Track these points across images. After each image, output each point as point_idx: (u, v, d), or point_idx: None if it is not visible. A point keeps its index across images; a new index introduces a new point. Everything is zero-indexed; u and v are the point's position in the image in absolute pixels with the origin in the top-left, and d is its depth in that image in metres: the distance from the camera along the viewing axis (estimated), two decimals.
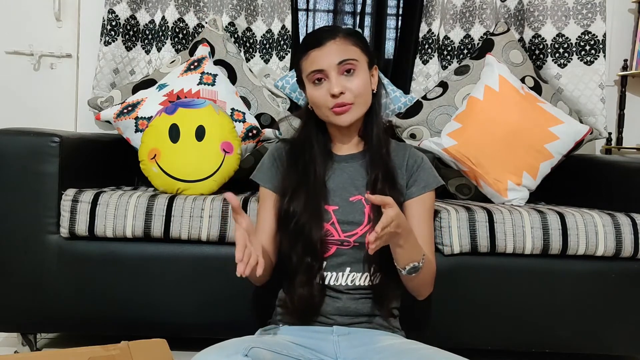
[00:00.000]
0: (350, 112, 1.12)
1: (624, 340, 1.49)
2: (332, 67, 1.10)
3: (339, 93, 1.10)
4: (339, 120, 1.12)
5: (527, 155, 1.73)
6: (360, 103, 1.13)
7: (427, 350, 1.02)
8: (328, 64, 1.10)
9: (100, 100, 1.99)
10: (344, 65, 1.10)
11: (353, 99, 1.11)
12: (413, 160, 1.20)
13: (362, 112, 1.15)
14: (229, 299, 1.44)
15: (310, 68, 1.12)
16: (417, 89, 2.15)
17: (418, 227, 1.14)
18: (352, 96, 1.11)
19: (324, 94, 1.11)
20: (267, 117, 1.96)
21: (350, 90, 1.11)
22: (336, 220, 1.13)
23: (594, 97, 2.05)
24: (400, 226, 0.98)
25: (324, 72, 1.11)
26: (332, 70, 1.10)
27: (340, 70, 1.11)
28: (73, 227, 1.42)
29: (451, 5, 2.18)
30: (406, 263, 1.05)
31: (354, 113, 1.13)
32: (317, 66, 1.11)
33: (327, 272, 1.13)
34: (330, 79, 1.10)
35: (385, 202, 0.95)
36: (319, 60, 1.11)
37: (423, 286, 1.16)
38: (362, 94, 1.12)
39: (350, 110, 1.12)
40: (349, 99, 1.11)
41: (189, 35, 2.13)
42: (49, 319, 1.47)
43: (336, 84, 1.10)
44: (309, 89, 1.15)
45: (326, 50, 1.11)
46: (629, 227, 1.43)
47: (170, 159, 1.55)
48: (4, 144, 1.42)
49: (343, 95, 1.10)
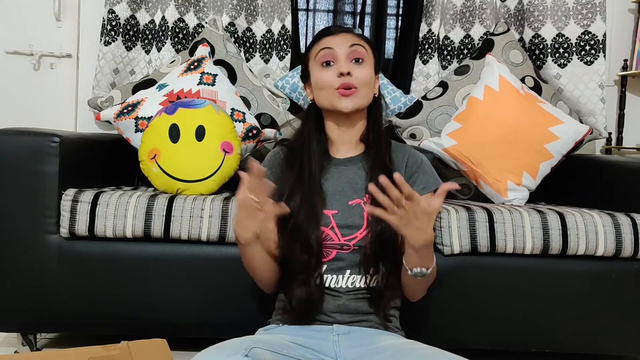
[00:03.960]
0: (353, 98, 1.14)
1: (624, 340, 1.49)
2: (343, 50, 1.15)
3: (347, 72, 1.13)
4: (342, 103, 1.14)
5: (527, 155, 1.73)
6: (363, 94, 1.16)
7: (427, 350, 1.01)
8: (340, 44, 1.16)
9: (100, 100, 1.99)
10: (354, 50, 1.15)
11: (358, 85, 1.14)
12: (413, 162, 1.20)
13: (363, 104, 1.17)
14: (229, 299, 1.45)
15: (320, 47, 1.17)
16: (417, 89, 2.15)
17: None
18: (358, 82, 1.14)
19: (331, 75, 1.15)
20: (267, 117, 1.96)
21: (357, 76, 1.14)
22: (335, 224, 1.13)
23: (594, 97, 2.05)
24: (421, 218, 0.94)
25: (333, 52, 1.15)
26: (342, 53, 1.15)
27: (350, 55, 1.15)
28: (73, 227, 1.42)
29: (451, 5, 2.18)
30: (415, 265, 1.05)
31: (356, 100, 1.15)
32: (329, 44, 1.16)
33: (327, 275, 1.13)
34: (339, 61, 1.15)
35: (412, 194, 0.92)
36: (331, 43, 1.17)
37: (420, 290, 1.17)
38: (367, 84, 1.16)
39: (353, 96, 1.14)
40: (355, 83, 1.14)
41: (189, 35, 2.13)
42: (49, 319, 1.47)
43: (345, 64, 1.14)
44: (316, 71, 1.18)
45: (339, 37, 1.17)
46: (629, 227, 1.43)
47: (170, 159, 1.55)
48: (4, 144, 1.42)
49: (350, 77, 1.13)
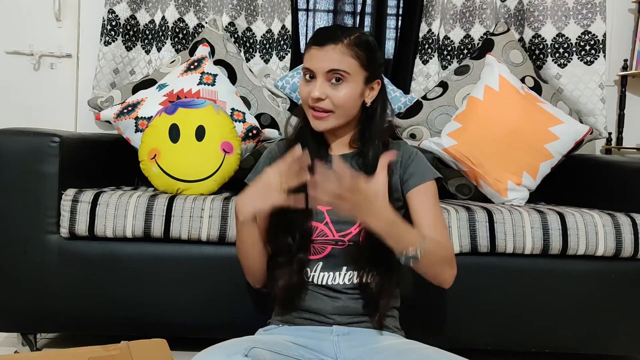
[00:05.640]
0: (325, 120, 1.12)
1: (624, 340, 1.49)
2: (321, 72, 1.10)
3: (317, 98, 1.10)
4: (313, 124, 1.13)
5: (527, 155, 1.73)
6: (340, 114, 1.12)
7: (427, 350, 1.01)
8: (319, 67, 1.10)
9: (100, 100, 1.99)
10: (333, 73, 1.10)
11: (333, 108, 1.11)
12: (407, 155, 1.20)
13: (340, 123, 1.14)
14: (229, 299, 1.44)
15: (304, 63, 1.14)
16: (417, 89, 2.15)
17: (422, 216, 1.12)
18: (332, 105, 1.10)
19: (307, 92, 1.12)
20: (267, 117, 1.96)
21: (332, 99, 1.10)
22: (330, 220, 1.13)
23: (594, 97, 2.05)
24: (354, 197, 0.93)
25: (313, 73, 1.11)
26: (320, 75, 1.10)
27: (327, 77, 1.10)
28: (73, 227, 1.42)
29: (451, 5, 2.18)
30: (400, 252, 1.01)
31: (329, 122, 1.12)
32: (309, 65, 1.12)
33: (324, 272, 1.13)
34: (316, 82, 1.11)
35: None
36: (313, 60, 1.11)
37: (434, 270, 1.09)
38: (343, 106, 1.11)
39: (325, 119, 1.11)
40: (328, 107, 1.10)
41: (189, 35, 2.12)
42: (49, 319, 1.47)
43: (319, 88, 1.10)
44: (301, 80, 1.16)
45: (323, 52, 1.10)
46: (629, 227, 1.43)
47: (170, 159, 1.55)
48: (4, 144, 1.42)
49: (322, 101, 1.10)
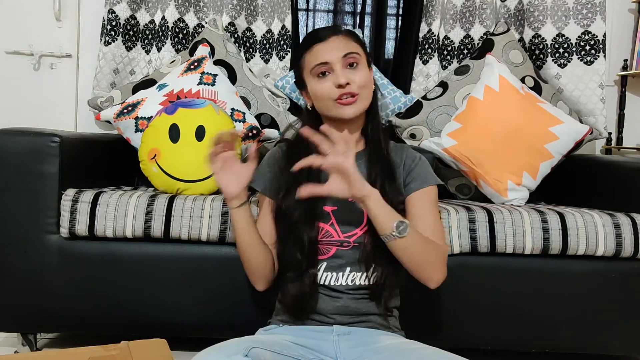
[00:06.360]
0: (355, 104, 1.14)
1: (624, 340, 1.49)
2: (337, 60, 1.13)
3: (345, 83, 1.12)
4: (344, 112, 1.14)
5: (527, 155, 1.73)
6: (364, 96, 1.15)
7: (427, 350, 1.01)
8: (333, 56, 1.14)
9: (100, 100, 1.99)
10: (348, 58, 1.14)
11: (358, 90, 1.14)
12: (411, 159, 1.21)
13: (365, 106, 1.17)
14: (229, 299, 1.44)
15: (314, 61, 1.15)
16: (417, 89, 2.15)
17: (421, 220, 1.13)
18: (357, 87, 1.14)
19: (329, 87, 1.14)
20: (267, 117, 1.96)
21: (355, 82, 1.13)
22: (335, 221, 1.13)
23: (594, 97, 2.05)
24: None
25: (328, 65, 1.14)
26: (337, 63, 1.13)
27: (344, 63, 1.14)
28: (73, 227, 1.42)
29: (451, 5, 2.18)
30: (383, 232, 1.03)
31: (357, 105, 1.15)
32: (322, 59, 1.14)
33: (327, 272, 1.13)
34: (335, 71, 1.13)
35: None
36: (324, 53, 1.14)
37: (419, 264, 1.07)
38: (366, 86, 1.15)
39: (354, 103, 1.14)
40: (355, 90, 1.13)
41: (189, 35, 2.12)
42: (49, 319, 1.47)
43: (342, 75, 1.13)
44: (313, 83, 1.17)
45: (330, 44, 1.15)
46: (629, 227, 1.43)
47: (170, 159, 1.55)
48: (4, 144, 1.42)
49: (349, 85, 1.13)
